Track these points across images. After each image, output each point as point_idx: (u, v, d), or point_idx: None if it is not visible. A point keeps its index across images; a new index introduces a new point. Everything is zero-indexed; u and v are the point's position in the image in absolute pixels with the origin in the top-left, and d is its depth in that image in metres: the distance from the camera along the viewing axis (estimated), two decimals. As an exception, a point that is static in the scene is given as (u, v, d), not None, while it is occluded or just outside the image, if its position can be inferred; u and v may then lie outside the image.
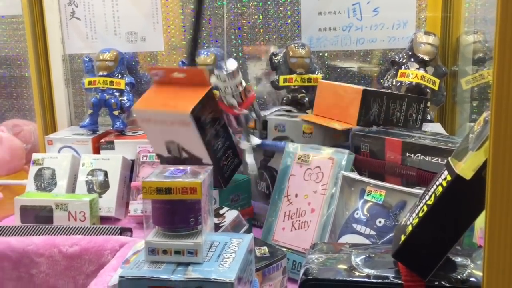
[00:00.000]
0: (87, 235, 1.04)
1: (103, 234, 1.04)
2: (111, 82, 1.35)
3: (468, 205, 0.50)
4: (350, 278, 0.54)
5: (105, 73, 1.35)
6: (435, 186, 0.53)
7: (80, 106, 1.53)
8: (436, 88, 1.23)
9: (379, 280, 0.54)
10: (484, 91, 1.33)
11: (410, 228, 0.53)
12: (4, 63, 1.57)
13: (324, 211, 0.88)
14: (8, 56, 1.56)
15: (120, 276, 0.56)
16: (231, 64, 0.95)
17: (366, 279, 0.54)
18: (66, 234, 1.04)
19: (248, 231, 0.87)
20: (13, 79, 1.58)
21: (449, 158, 0.53)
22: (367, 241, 0.76)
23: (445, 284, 0.53)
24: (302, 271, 0.58)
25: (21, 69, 1.56)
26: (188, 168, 0.62)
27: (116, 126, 1.34)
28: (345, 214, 0.86)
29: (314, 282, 0.55)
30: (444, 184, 0.51)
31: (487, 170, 0.37)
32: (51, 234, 1.04)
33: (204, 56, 1.29)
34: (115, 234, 1.05)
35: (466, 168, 0.49)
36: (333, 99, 1.07)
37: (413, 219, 0.53)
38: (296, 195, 0.93)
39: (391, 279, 0.54)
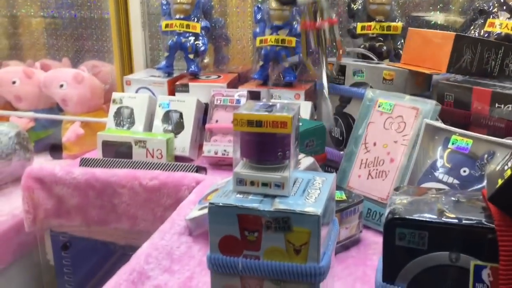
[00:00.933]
0: (165, 171, 1.08)
1: (180, 171, 1.09)
2: (187, 26, 1.36)
3: None
4: (440, 219, 0.54)
5: (181, 16, 1.36)
6: (540, 130, 0.50)
7: (155, 49, 1.56)
8: (528, 39, 1.15)
9: (471, 222, 0.53)
10: None
11: (509, 172, 0.51)
12: (85, 5, 1.62)
13: (404, 162, 0.86)
14: (89, -2, 1.61)
15: (210, 203, 0.58)
16: None
17: (457, 221, 0.53)
18: (146, 169, 1.09)
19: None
20: (93, 20, 1.63)
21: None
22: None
23: (541, 232, 0.51)
24: (387, 210, 0.57)
25: (101, 10, 1.61)
26: (278, 104, 0.62)
27: (191, 69, 1.36)
28: (426, 162, 0.84)
29: (401, 222, 0.55)
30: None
31: None
32: (132, 168, 1.10)
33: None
34: (192, 172, 1.09)
35: None
36: (423, 47, 1.02)
37: (512, 163, 0.51)
38: (375, 144, 0.91)
39: (484, 222, 0.52)
